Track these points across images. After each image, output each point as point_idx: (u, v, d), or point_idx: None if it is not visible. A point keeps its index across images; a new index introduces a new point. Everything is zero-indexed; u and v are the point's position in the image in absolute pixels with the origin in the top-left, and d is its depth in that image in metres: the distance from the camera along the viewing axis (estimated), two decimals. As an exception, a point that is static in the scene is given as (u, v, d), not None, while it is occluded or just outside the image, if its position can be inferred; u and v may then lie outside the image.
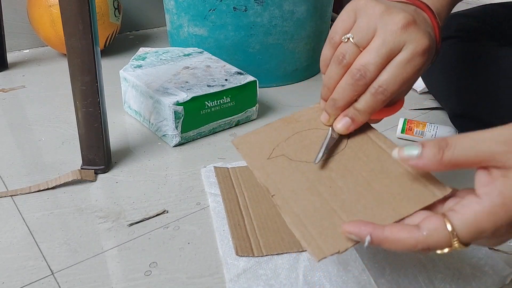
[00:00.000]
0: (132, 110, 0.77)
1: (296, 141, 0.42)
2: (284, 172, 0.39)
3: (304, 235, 0.33)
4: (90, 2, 0.54)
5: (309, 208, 0.36)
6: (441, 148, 0.31)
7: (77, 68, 0.56)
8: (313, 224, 0.34)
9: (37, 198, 0.56)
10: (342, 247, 0.32)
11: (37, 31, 1.02)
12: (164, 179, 0.61)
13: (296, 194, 0.37)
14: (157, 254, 0.48)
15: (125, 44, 1.18)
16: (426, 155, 0.31)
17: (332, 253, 0.32)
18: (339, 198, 0.36)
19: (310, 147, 0.41)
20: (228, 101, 0.73)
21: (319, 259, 0.32)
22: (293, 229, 0.34)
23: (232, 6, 0.85)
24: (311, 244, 0.33)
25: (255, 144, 0.43)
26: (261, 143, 0.42)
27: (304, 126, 0.43)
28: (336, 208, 0.35)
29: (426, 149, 0.31)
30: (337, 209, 0.35)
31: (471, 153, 0.30)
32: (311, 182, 0.38)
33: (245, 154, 0.42)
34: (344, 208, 0.35)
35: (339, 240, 0.33)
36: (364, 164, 0.38)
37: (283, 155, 0.41)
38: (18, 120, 0.77)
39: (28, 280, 0.44)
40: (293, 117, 0.45)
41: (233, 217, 0.52)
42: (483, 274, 0.44)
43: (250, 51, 0.90)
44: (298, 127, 0.44)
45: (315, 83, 0.97)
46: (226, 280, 0.44)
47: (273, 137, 0.43)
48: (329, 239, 0.33)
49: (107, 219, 0.53)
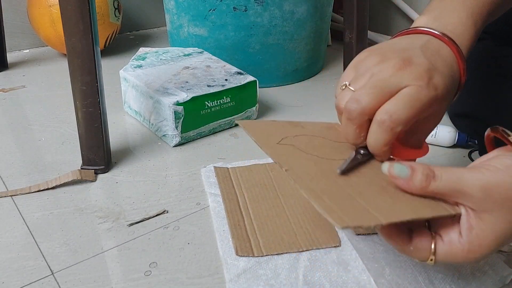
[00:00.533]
0: (132, 110, 0.77)
1: (304, 140, 0.41)
2: (296, 158, 0.37)
3: (325, 206, 0.32)
4: (90, 2, 0.54)
5: (326, 188, 0.34)
6: (428, 178, 0.34)
7: (77, 68, 0.56)
8: (332, 200, 0.33)
9: (37, 198, 0.56)
10: (365, 223, 0.31)
11: (37, 31, 1.02)
12: (164, 179, 0.61)
13: (310, 175, 0.35)
14: (157, 254, 0.48)
15: (125, 44, 1.18)
16: (413, 180, 0.34)
17: (355, 225, 0.31)
18: (355, 189, 0.35)
19: (320, 147, 0.40)
20: (228, 101, 0.73)
21: (342, 226, 0.30)
22: (312, 199, 0.32)
23: (232, 6, 0.85)
24: (332, 214, 0.31)
25: (263, 130, 0.41)
26: (269, 131, 0.41)
27: (313, 132, 0.42)
28: (353, 195, 0.34)
29: (414, 175, 0.34)
30: (355, 196, 0.34)
31: (452, 190, 0.33)
32: (325, 172, 0.36)
33: (253, 134, 0.40)
34: (362, 197, 0.34)
35: (361, 216, 0.32)
36: (376, 173, 0.37)
37: (293, 145, 0.39)
38: (18, 120, 0.77)
39: (28, 280, 0.44)
40: (300, 123, 0.44)
41: (233, 217, 0.52)
42: (483, 274, 0.44)
43: (250, 51, 0.90)
44: (305, 132, 0.43)
45: (315, 83, 0.97)
46: (226, 280, 0.44)
47: (281, 131, 0.42)
48: (350, 213, 0.32)
49: (107, 219, 0.53)
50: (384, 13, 1.23)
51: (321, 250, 0.47)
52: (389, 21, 1.24)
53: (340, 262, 0.46)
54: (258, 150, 0.38)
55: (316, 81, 0.98)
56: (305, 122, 0.44)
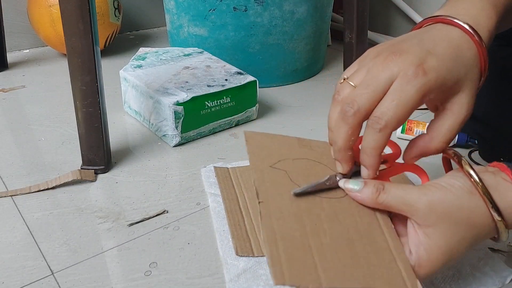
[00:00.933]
0: (132, 110, 0.77)
1: (302, 165, 0.41)
2: (279, 188, 0.38)
3: (273, 254, 0.32)
4: (90, 2, 0.54)
5: (288, 232, 0.34)
6: (378, 191, 0.37)
7: (77, 68, 0.56)
8: (285, 249, 0.33)
9: (37, 198, 0.56)
10: (303, 284, 0.31)
11: (37, 31, 1.02)
12: (164, 179, 0.61)
13: (282, 213, 0.36)
14: (157, 254, 0.48)
15: (125, 44, 1.18)
16: (365, 192, 0.37)
17: (292, 284, 0.31)
18: (319, 239, 0.35)
19: (314, 176, 0.40)
20: (228, 101, 0.73)
21: (277, 283, 0.30)
22: (265, 244, 0.33)
23: (232, 6, 0.85)
24: (275, 267, 0.31)
25: (265, 146, 0.42)
26: (270, 149, 0.42)
27: (315, 157, 0.42)
28: (312, 247, 0.34)
29: (365, 188, 0.37)
30: (313, 248, 0.34)
31: (399, 203, 0.36)
32: (300, 211, 0.36)
33: (251, 151, 0.41)
34: (320, 251, 0.34)
35: (303, 275, 0.32)
36: (354, 222, 0.37)
37: (286, 171, 0.40)
38: (18, 120, 0.77)
39: (28, 280, 0.44)
40: (310, 143, 0.44)
41: (233, 217, 0.52)
42: (483, 274, 0.44)
43: (250, 51, 0.90)
44: (310, 155, 0.43)
45: (315, 83, 0.97)
46: (226, 280, 0.44)
47: (283, 151, 0.42)
48: (294, 270, 0.32)
49: (107, 219, 0.53)
50: (384, 13, 1.23)
51: (321, 250, 0.47)
52: (389, 21, 1.24)
53: (340, 262, 0.46)
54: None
55: (316, 81, 0.98)
56: (316, 142, 0.44)
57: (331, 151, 0.40)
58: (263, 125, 0.77)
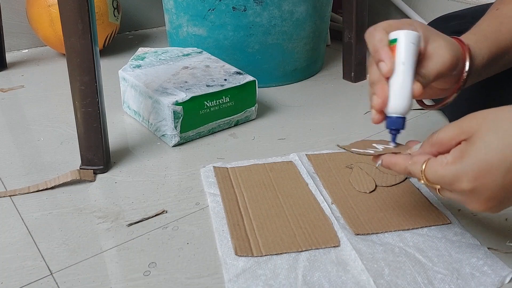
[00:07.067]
0: (131, 110, 0.77)
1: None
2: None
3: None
4: (89, 2, 0.54)
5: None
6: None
7: (76, 68, 0.56)
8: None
9: (36, 198, 0.56)
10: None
11: (36, 31, 1.02)
12: (163, 179, 0.61)
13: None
14: (156, 254, 0.48)
15: (124, 44, 1.18)
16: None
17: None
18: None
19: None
20: (227, 101, 0.73)
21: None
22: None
23: (231, 6, 0.85)
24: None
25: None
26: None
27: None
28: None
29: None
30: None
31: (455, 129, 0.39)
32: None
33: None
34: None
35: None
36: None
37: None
38: (17, 120, 0.77)
39: (26, 280, 0.44)
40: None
41: (232, 217, 0.52)
42: (482, 274, 0.44)
43: (249, 51, 0.90)
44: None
45: (314, 83, 0.97)
46: (225, 280, 0.44)
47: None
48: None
49: (106, 219, 0.53)
50: (384, 13, 1.23)
51: (320, 250, 0.47)
52: (388, 21, 1.23)
53: (339, 262, 0.46)
54: (258, 150, 0.38)
55: (315, 81, 0.98)
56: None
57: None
58: (262, 125, 0.77)
